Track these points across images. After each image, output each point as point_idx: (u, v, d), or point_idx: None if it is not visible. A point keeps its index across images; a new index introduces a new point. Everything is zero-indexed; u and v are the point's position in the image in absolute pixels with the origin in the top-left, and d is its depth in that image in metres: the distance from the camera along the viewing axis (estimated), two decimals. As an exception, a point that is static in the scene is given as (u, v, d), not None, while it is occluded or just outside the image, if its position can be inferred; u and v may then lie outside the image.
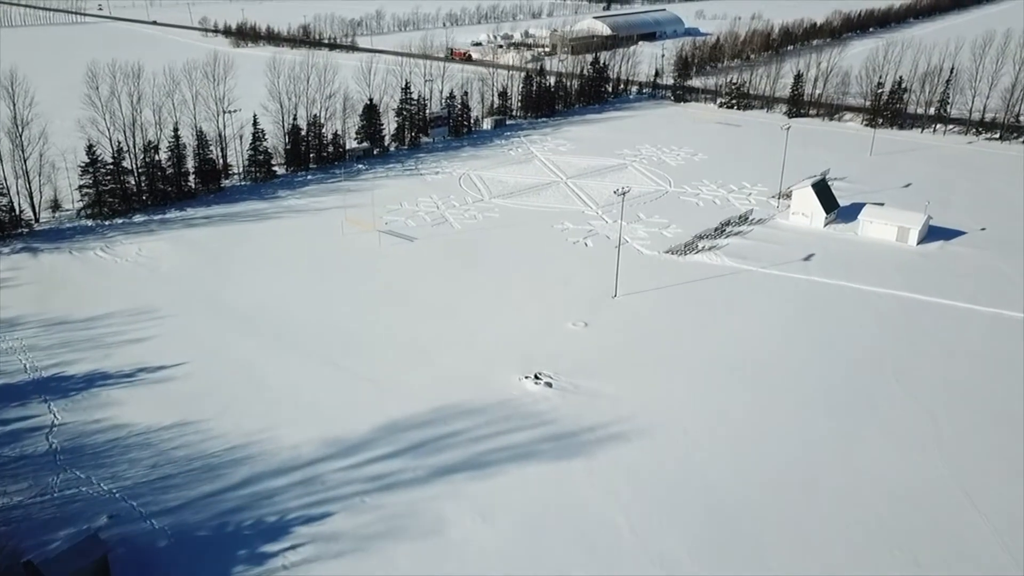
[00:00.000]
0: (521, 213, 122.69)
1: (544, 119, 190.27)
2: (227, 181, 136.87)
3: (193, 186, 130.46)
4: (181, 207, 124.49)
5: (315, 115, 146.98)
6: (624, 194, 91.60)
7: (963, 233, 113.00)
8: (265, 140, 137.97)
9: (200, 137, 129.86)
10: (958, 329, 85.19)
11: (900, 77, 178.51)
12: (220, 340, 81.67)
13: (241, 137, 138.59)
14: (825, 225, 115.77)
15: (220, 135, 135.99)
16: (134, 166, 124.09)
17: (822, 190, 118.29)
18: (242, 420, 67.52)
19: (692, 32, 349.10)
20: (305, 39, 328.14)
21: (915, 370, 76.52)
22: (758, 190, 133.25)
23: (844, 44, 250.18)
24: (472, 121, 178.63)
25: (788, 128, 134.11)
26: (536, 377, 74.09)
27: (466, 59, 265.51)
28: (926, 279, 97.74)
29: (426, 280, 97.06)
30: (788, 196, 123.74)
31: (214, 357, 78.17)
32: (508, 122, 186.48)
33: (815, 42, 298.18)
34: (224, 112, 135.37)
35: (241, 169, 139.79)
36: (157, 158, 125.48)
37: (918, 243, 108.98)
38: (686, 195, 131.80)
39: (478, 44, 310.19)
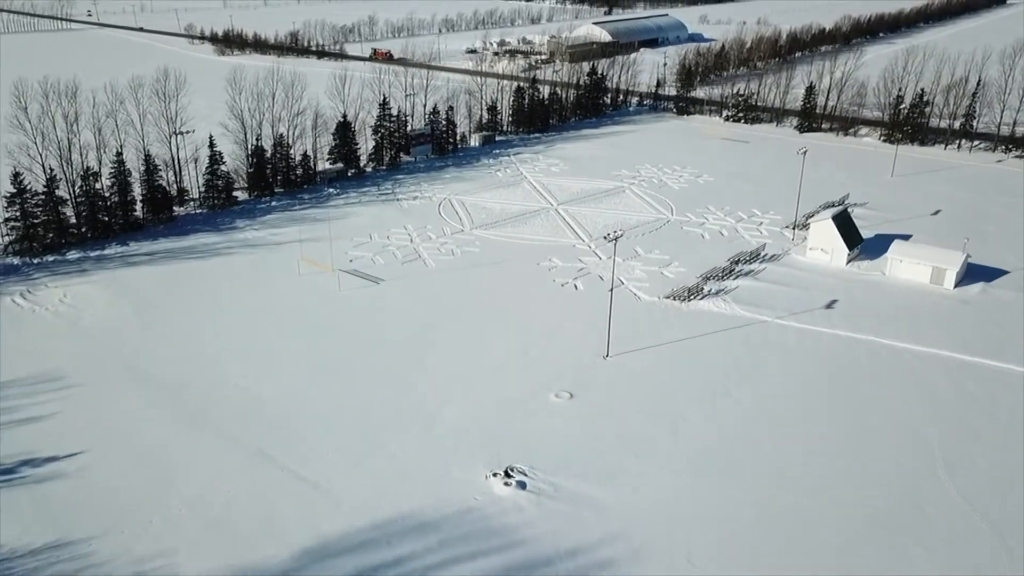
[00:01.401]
0: (504, 247, 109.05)
1: (537, 135, 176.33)
2: (181, 209, 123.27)
3: (141, 216, 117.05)
4: (124, 240, 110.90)
5: (281, 134, 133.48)
6: (616, 239, 77.99)
7: (1006, 272, 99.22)
8: (223, 163, 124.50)
9: (148, 161, 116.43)
10: (1013, 402, 71.27)
11: (921, 89, 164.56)
12: (131, 419, 68.06)
13: (197, 160, 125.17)
14: (848, 263, 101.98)
15: (173, 159, 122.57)
16: (71, 195, 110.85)
17: (843, 222, 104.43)
18: (133, 541, 53.90)
19: (696, 38, 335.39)
20: (293, 46, 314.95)
21: (968, 462, 62.65)
22: (770, 219, 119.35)
23: (857, 51, 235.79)
24: (458, 138, 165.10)
25: (805, 152, 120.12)
26: (507, 474, 60.46)
27: (387, 59, 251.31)
28: (970, 333, 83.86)
29: (386, 336, 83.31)
30: (804, 227, 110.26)
31: (119, 444, 64.61)
32: (498, 138, 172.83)
33: (824, 48, 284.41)
34: (176, 133, 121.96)
35: (198, 195, 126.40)
36: (98, 186, 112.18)
37: (955, 286, 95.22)
38: (690, 224, 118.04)
39: (473, 51, 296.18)
